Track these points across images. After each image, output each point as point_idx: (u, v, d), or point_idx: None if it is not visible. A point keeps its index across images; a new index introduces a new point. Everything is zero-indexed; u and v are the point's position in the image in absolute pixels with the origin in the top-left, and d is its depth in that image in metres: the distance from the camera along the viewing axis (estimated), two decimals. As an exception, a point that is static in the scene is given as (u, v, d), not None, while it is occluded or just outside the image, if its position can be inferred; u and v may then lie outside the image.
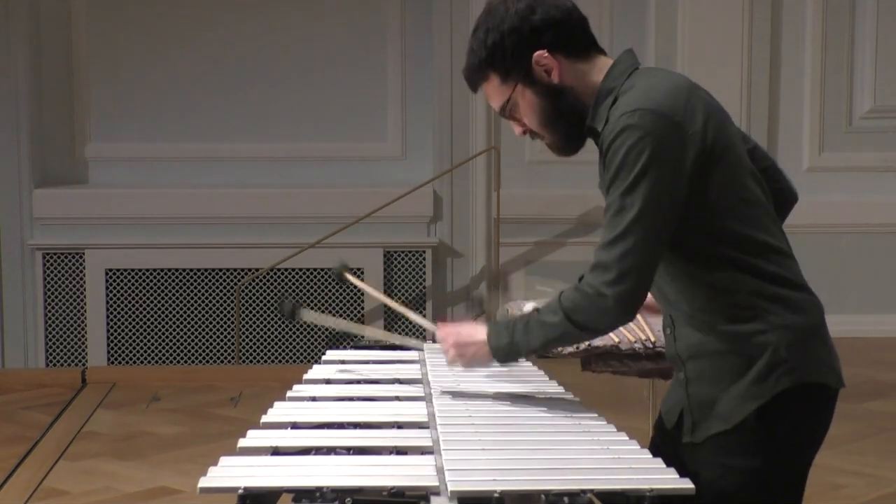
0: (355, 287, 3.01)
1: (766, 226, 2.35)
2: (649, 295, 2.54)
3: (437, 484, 2.06)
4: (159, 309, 7.24)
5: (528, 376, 2.85)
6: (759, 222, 2.34)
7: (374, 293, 3.12)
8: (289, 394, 2.68)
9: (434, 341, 2.71)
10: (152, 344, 7.25)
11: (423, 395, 2.67)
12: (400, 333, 3.24)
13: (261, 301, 7.26)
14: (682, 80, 2.37)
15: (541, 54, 2.36)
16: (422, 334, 2.94)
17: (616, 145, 2.27)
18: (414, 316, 2.94)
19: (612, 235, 2.27)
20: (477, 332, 2.52)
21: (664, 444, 2.43)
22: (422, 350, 3.00)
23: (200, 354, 7.29)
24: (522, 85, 2.39)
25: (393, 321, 7.33)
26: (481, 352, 2.50)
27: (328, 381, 2.80)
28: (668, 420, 2.46)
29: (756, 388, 2.30)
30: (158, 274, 7.23)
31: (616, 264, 2.27)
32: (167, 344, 7.27)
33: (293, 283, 7.26)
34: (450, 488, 2.02)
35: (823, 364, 2.35)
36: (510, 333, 2.44)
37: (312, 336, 7.30)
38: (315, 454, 2.26)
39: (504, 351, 2.47)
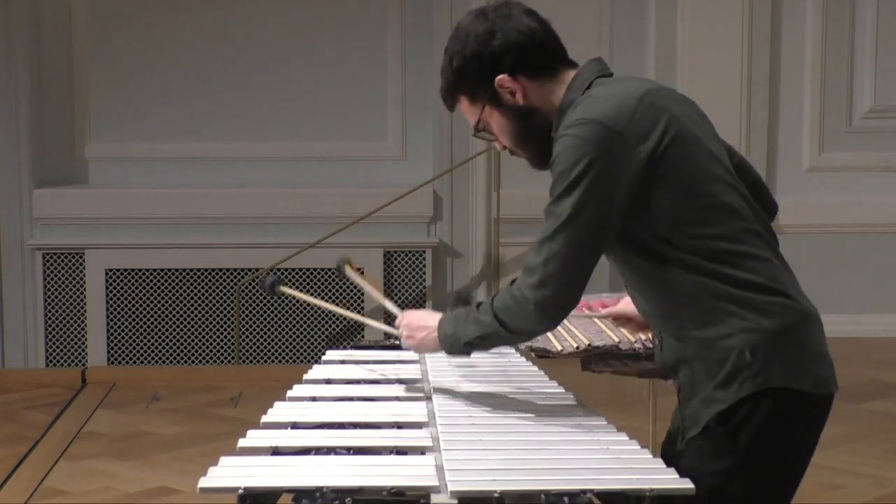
0: (353, 283, 3.09)
1: (735, 231, 2.32)
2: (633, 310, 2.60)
3: (437, 484, 2.06)
4: (159, 309, 7.24)
5: (527, 376, 2.85)
6: (727, 228, 2.31)
7: (365, 285, 3.19)
8: (289, 394, 2.68)
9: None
10: (152, 344, 7.25)
11: (422, 394, 2.67)
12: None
13: (261, 301, 7.26)
14: (640, 90, 2.35)
15: (503, 79, 2.41)
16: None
17: (556, 155, 2.31)
18: (389, 305, 2.96)
19: (540, 239, 2.33)
20: (431, 318, 2.57)
21: (667, 454, 2.41)
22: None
23: (200, 354, 7.29)
24: (490, 107, 2.44)
25: (392, 324, 7.32)
26: (430, 337, 2.55)
27: (328, 381, 2.80)
28: (673, 430, 2.46)
29: (720, 393, 2.29)
30: (158, 274, 7.23)
31: (540, 268, 2.31)
32: (167, 344, 7.27)
33: (293, 283, 7.25)
34: (450, 488, 2.03)
35: (796, 369, 2.30)
36: (454, 324, 2.49)
37: (312, 336, 7.31)
38: (315, 454, 2.26)
39: (448, 341, 2.50)
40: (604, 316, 2.94)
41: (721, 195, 2.33)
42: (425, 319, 2.59)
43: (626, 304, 2.74)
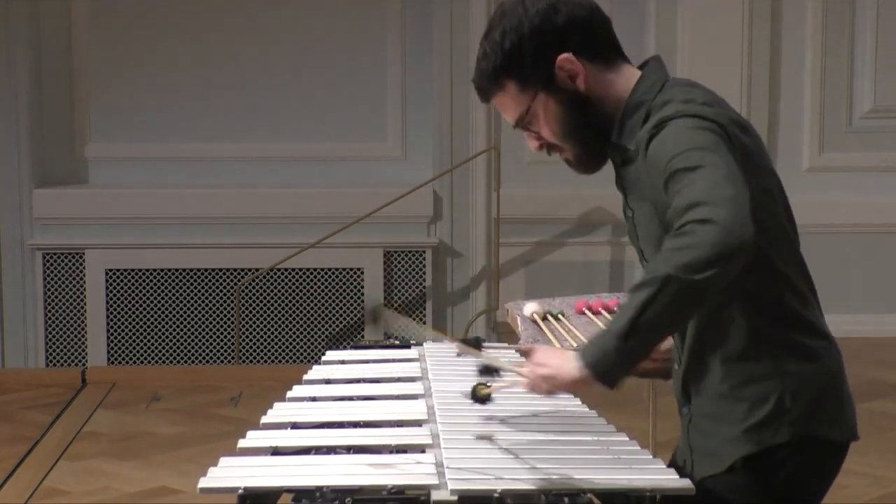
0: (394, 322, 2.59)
1: (796, 265, 2.20)
2: None
3: (437, 482, 2.06)
4: (159, 309, 7.24)
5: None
6: (791, 260, 2.19)
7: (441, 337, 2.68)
8: (289, 394, 2.68)
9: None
10: (152, 344, 7.25)
11: (423, 393, 2.67)
12: (401, 338, 3.19)
13: (261, 301, 7.26)
14: (718, 97, 2.20)
15: (565, 58, 2.18)
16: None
17: (662, 144, 2.05)
18: (503, 360, 2.41)
19: (686, 184, 1.97)
20: (564, 354, 2.09)
21: None
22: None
23: (200, 354, 7.29)
24: (544, 93, 2.19)
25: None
26: (568, 366, 2.03)
27: (328, 381, 2.80)
28: (679, 459, 2.34)
29: (753, 435, 2.15)
30: (158, 274, 7.23)
31: (709, 192, 1.93)
32: (167, 344, 7.26)
33: (293, 283, 7.25)
34: (450, 487, 2.03)
35: (831, 419, 2.19)
36: (603, 342, 1.99)
37: (312, 336, 7.30)
38: (315, 454, 2.26)
39: (606, 364, 1.98)
40: None
41: (785, 223, 2.20)
42: (557, 355, 2.09)
43: None
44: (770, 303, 2.15)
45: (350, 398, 2.64)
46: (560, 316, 3.41)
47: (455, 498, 2.00)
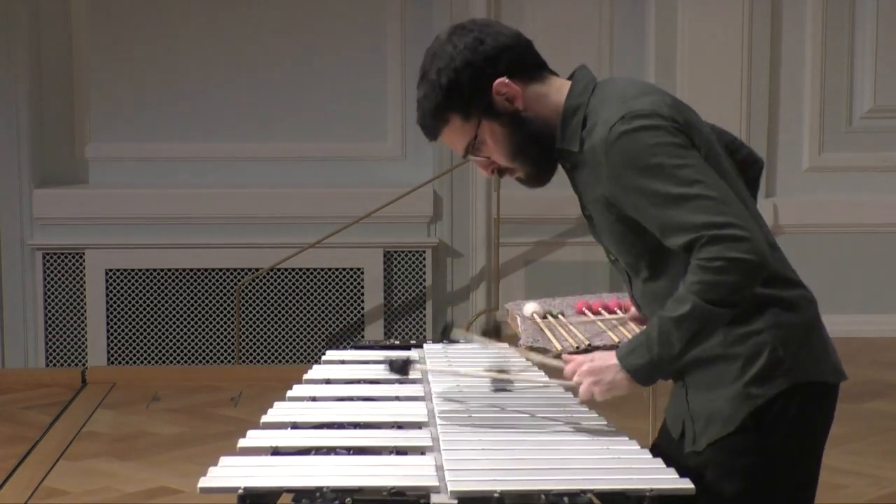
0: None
1: (756, 222, 2.30)
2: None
3: (437, 484, 2.06)
4: (159, 309, 7.24)
5: (528, 376, 2.85)
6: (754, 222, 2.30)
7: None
8: (289, 394, 2.68)
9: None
10: (152, 344, 7.25)
11: (422, 394, 2.67)
12: (401, 338, 3.20)
13: (261, 301, 7.26)
14: (648, 84, 2.36)
15: (500, 82, 2.32)
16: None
17: (623, 152, 2.21)
18: (540, 357, 2.64)
19: (681, 219, 2.17)
20: (608, 357, 2.32)
21: (669, 450, 2.40)
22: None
23: (200, 354, 7.29)
24: (486, 120, 2.35)
25: (392, 323, 7.33)
26: (619, 376, 2.29)
27: (328, 381, 2.80)
28: (672, 429, 2.44)
29: (754, 390, 2.28)
30: (158, 274, 7.23)
31: (723, 227, 2.14)
32: (167, 344, 7.27)
33: (293, 283, 7.26)
34: (450, 488, 2.03)
35: (821, 361, 2.33)
36: (648, 350, 2.24)
37: (312, 336, 7.30)
38: (315, 454, 2.26)
39: (645, 370, 2.26)
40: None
41: (735, 184, 2.31)
42: (605, 359, 2.32)
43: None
44: None
45: (350, 398, 2.65)
46: (560, 316, 3.41)
47: (455, 501, 2.01)
